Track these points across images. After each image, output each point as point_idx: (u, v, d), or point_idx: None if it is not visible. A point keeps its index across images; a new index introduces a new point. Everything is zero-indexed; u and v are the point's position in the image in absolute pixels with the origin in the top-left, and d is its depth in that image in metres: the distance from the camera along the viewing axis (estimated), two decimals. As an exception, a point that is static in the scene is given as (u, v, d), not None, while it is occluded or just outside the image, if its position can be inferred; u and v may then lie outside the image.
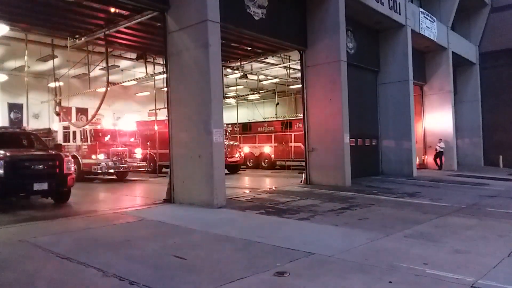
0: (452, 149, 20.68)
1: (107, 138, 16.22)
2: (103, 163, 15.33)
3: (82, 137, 15.91)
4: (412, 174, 16.34)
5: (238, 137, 24.25)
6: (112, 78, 18.07)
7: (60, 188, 9.45)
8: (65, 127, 16.78)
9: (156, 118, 19.62)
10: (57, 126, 17.47)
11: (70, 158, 10.11)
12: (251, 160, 23.79)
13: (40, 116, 23.17)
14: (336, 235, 6.53)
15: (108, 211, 8.82)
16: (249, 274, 4.42)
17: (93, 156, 15.45)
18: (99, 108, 13.73)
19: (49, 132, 17.85)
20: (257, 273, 4.48)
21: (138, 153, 17.12)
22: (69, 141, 16.41)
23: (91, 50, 14.88)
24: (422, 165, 20.84)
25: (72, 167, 9.93)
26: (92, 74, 16.78)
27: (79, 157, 15.71)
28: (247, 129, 25.12)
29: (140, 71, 20.36)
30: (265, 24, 12.00)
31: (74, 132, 16.27)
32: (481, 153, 24.40)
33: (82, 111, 24.05)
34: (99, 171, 15.32)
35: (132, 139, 17.25)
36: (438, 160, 20.38)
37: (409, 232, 6.59)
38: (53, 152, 9.97)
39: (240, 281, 4.22)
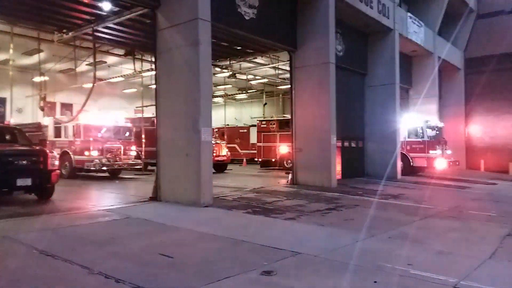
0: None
1: (100, 134, 15.70)
2: (97, 160, 14.87)
3: (74, 132, 15.37)
4: (396, 176, 16.56)
5: (276, 135, 22.01)
6: (99, 74, 17.88)
7: (44, 184, 9.30)
8: (56, 122, 16.24)
9: (142, 115, 19.48)
10: (47, 121, 16.95)
11: (55, 154, 9.96)
12: (289, 161, 17.60)
13: (24, 110, 22.77)
14: (322, 235, 6.59)
15: (93, 209, 8.73)
16: (236, 273, 4.44)
17: (86, 153, 14.96)
18: (85, 104, 13.56)
19: (38, 127, 17.30)
20: (244, 272, 4.50)
21: (133, 150, 16.71)
22: (60, 137, 15.89)
23: (78, 45, 14.69)
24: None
25: (57, 163, 9.79)
26: (78, 69, 16.57)
27: (71, 154, 15.22)
28: (284, 126, 21.24)
29: (127, 67, 20.18)
30: (256, 24, 12.02)
31: (66, 128, 15.70)
32: (464, 157, 24.87)
33: (67, 107, 23.70)
34: (92, 168, 14.83)
35: (127, 134, 16.76)
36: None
37: (393, 233, 6.69)
38: (37, 148, 9.82)
39: (227, 280, 4.23)
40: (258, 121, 24.29)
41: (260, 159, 23.18)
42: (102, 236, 6.14)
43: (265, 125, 23.01)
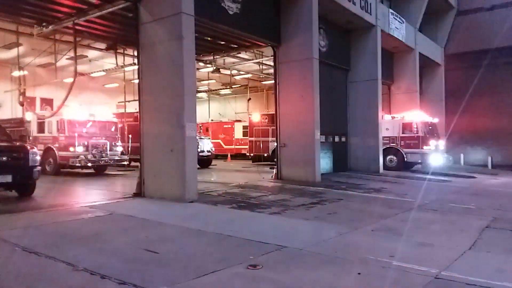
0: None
1: (85, 130, 15.33)
2: (82, 156, 14.52)
3: (58, 128, 14.94)
4: (378, 171, 16.81)
5: (268, 129, 21.37)
6: (79, 68, 17.51)
7: (25, 180, 9.14)
8: (40, 117, 15.76)
9: (125, 110, 19.23)
10: (30, 116, 16.45)
11: (35, 150, 9.78)
12: None
13: (3, 105, 22.21)
14: (307, 229, 6.67)
15: (76, 205, 8.62)
16: (222, 267, 4.46)
17: (71, 149, 14.54)
18: (66, 98, 13.31)
19: (21, 122, 16.87)
20: (230, 266, 4.53)
21: (119, 145, 16.37)
22: (44, 132, 15.45)
23: (59, 39, 14.38)
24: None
25: (38, 159, 9.61)
26: (58, 63, 16.24)
27: (55, 149, 14.83)
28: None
29: (109, 61, 19.86)
30: (240, 18, 11.99)
31: (50, 123, 15.25)
32: (444, 151, 25.36)
33: (47, 102, 23.23)
34: (78, 164, 14.50)
35: (112, 129, 16.40)
36: None
37: (376, 226, 6.82)
38: (17, 144, 9.61)
39: (213, 274, 4.26)
40: (249, 116, 24.18)
41: (251, 154, 23.10)
42: (85, 233, 6.08)
43: (257, 120, 22.85)
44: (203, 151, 19.26)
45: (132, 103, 19.01)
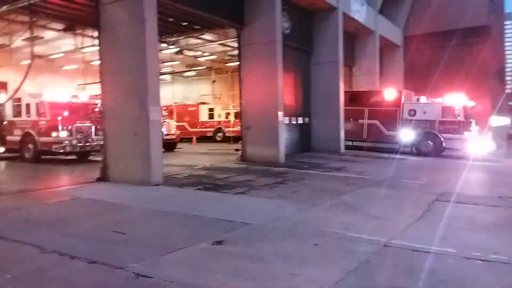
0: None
1: (66, 113, 14.01)
2: (66, 142, 13.41)
3: (38, 111, 13.74)
4: (339, 150, 17.41)
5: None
6: (35, 49, 16.84)
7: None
8: (15, 100, 14.36)
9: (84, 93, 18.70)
10: (4, 98, 15.15)
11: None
12: None
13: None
14: (270, 207, 6.99)
15: (38, 191, 8.51)
16: (189, 244, 4.70)
17: (54, 134, 13.32)
18: (23, 81, 12.83)
19: None
20: (196, 243, 4.77)
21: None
22: (21, 116, 14.21)
23: (13, 19, 13.73)
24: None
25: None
26: (13, 45, 15.53)
27: (34, 135, 13.70)
28: None
29: (66, 42, 19.12)
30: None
31: (28, 105, 14.03)
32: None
33: (1, 85, 22.14)
34: (62, 151, 13.41)
35: (97, 109, 14.69)
36: None
37: (334, 202, 7.24)
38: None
39: (181, 251, 4.49)
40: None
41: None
42: (51, 217, 6.11)
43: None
44: (167, 134, 19.15)
45: (92, 85, 18.56)
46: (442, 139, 16.65)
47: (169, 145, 19.49)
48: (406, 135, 17.33)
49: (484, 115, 21.59)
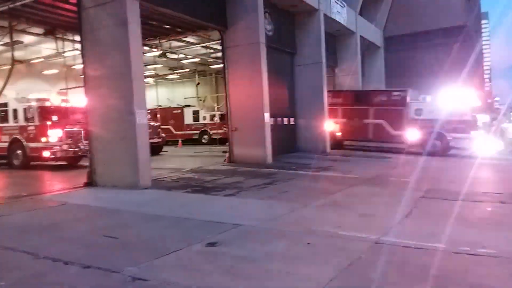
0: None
1: (55, 117, 13.61)
2: (57, 147, 13.09)
3: (27, 116, 13.38)
4: (326, 150, 17.59)
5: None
6: (15, 54, 16.53)
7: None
8: (1, 105, 14.05)
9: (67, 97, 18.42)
10: None
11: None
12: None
13: None
14: (260, 208, 7.05)
15: (26, 197, 8.36)
16: (182, 247, 4.71)
17: (43, 139, 13.04)
18: (4, 87, 12.62)
19: None
20: (189, 245, 4.78)
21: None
22: (8, 121, 13.79)
23: (-8, 24, 13.49)
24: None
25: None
26: (-8, 50, 15.21)
27: (23, 141, 13.36)
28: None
29: (46, 47, 18.82)
30: (184, 2, 11.91)
31: (15, 111, 13.65)
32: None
33: (-21, 91, 21.62)
34: (52, 156, 13.13)
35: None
36: None
37: (324, 202, 7.34)
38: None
39: (174, 253, 4.50)
40: None
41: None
42: (41, 224, 6.04)
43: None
44: (152, 138, 18.99)
45: (74, 90, 18.29)
46: (449, 138, 16.26)
47: (154, 149, 19.35)
48: (413, 134, 17.09)
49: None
